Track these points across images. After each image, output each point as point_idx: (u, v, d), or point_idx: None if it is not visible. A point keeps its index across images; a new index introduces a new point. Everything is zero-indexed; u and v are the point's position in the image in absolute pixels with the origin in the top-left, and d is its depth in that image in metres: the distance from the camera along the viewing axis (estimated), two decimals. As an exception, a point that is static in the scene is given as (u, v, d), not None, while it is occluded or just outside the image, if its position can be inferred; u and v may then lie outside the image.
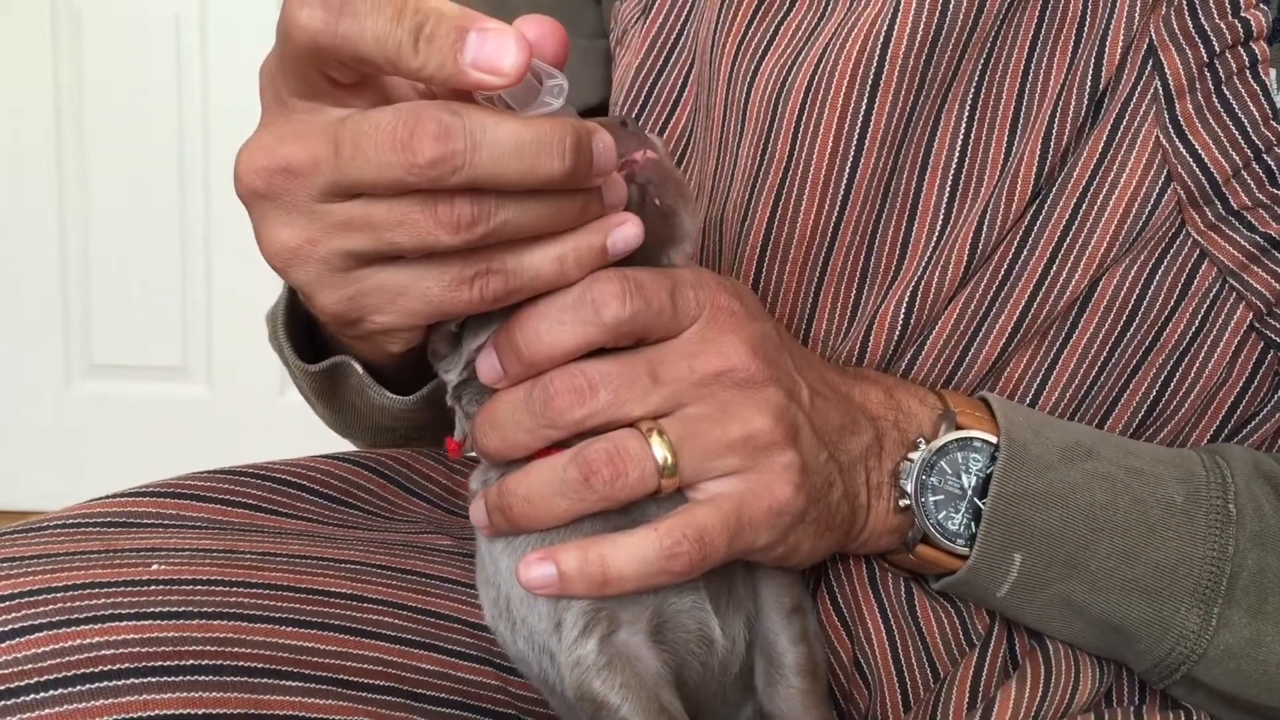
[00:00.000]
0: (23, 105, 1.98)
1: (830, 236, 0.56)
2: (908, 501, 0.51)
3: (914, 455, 0.51)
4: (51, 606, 0.45)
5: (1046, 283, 0.53)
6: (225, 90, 1.97)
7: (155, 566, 0.49)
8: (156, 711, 0.43)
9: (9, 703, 0.41)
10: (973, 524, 0.51)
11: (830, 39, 0.56)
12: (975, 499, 0.51)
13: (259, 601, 0.50)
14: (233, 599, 0.49)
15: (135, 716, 0.42)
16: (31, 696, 0.41)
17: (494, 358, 0.46)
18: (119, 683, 0.43)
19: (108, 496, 0.55)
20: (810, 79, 0.56)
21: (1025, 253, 0.54)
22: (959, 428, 0.51)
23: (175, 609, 0.47)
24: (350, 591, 0.54)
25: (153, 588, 0.48)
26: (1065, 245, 0.53)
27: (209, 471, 0.58)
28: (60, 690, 0.42)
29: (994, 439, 0.51)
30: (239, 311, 2.00)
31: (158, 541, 0.52)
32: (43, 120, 1.99)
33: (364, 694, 0.51)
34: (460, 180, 0.38)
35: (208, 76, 1.98)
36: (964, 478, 0.51)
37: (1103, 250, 0.53)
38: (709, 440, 0.46)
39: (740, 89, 0.60)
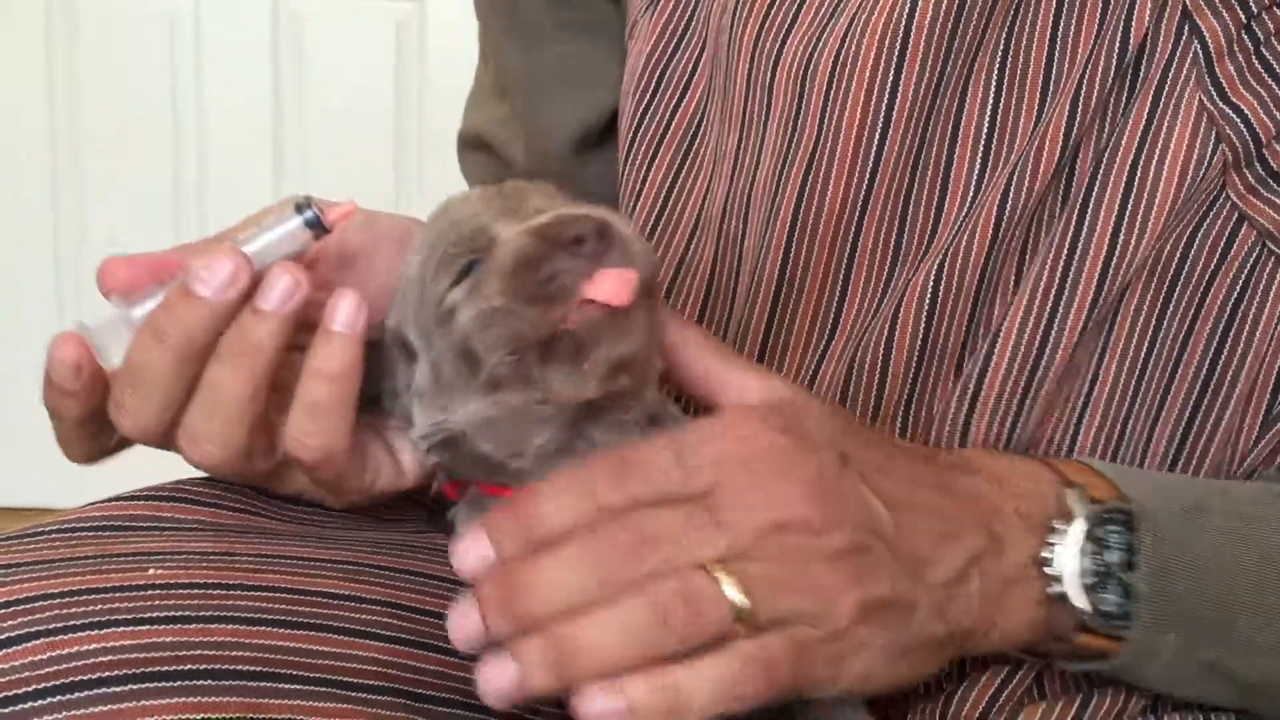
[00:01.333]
0: (19, 104, 1.98)
1: (860, 211, 0.57)
2: (1060, 588, 0.49)
3: (1058, 540, 0.49)
4: (48, 614, 0.45)
5: (1115, 256, 0.53)
6: (220, 87, 1.96)
7: (152, 571, 0.49)
8: (155, 718, 0.43)
9: (7, 711, 0.41)
10: (1125, 602, 0.49)
11: (855, 13, 0.57)
12: (1121, 575, 0.49)
13: (256, 604, 0.50)
14: (229, 602, 0.49)
15: None
16: (30, 704, 0.41)
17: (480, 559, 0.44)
18: (118, 689, 0.43)
19: (101, 501, 0.55)
20: (836, 54, 0.57)
21: (1085, 231, 0.54)
22: (1094, 501, 0.50)
23: (173, 614, 0.47)
24: (348, 593, 0.54)
25: (149, 592, 0.48)
26: (1127, 216, 0.53)
27: (202, 477, 0.58)
28: (59, 698, 0.42)
29: (1127, 507, 0.49)
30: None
31: (153, 545, 0.52)
32: (37, 117, 1.99)
33: (363, 694, 0.51)
34: None
35: (201, 74, 1.97)
36: (1107, 554, 0.49)
37: (1165, 214, 0.53)
38: (778, 586, 0.43)
39: (765, 68, 0.60)
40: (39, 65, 1.98)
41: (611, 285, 0.42)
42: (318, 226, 0.50)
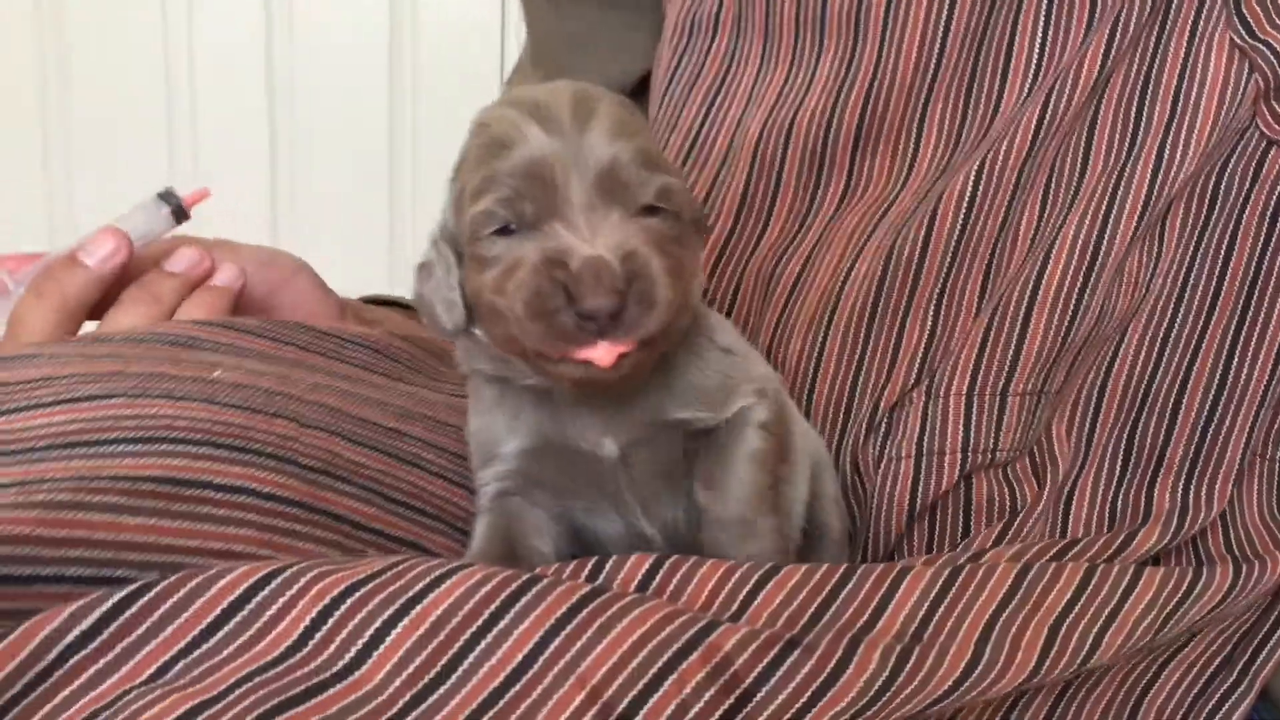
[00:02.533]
0: (6, 84, 1.98)
1: (918, 129, 0.63)
2: None
3: None
4: (127, 384, 0.47)
5: (1161, 171, 0.59)
6: (212, 63, 1.96)
7: (217, 373, 0.51)
8: (226, 480, 0.45)
9: (91, 450, 0.43)
10: None
11: None
12: None
13: (312, 414, 0.52)
14: (290, 406, 0.51)
15: (206, 479, 0.44)
16: (114, 448, 0.43)
17: None
18: (191, 449, 0.45)
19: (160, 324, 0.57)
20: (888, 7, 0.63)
21: (1134, 149, 0.60)
22: None
23: (239, 403, 0.49)
24: (395, 426, 0.56)
25: (217, 386, 0.49)
26: (1171, 136, 0.59)
27: (256, 318, 0.60)
28: (139, 446, 0.43)
29: None
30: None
31: (217, 359, 0.54)
32: (27, 96, 1.98)
33: (409, 513, 0.53)
34: None
35: (194, 51, 1.96)
36: None
37: (1206, 135, 0.58)
38: None
39: (814, 6, 0.66)
40: (28, 45, 1.97)
41: (602, 355, 0.43)
42: (179, 212, 0.66)
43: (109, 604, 0.36)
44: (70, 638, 0.35)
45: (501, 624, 0.37)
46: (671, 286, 0.42)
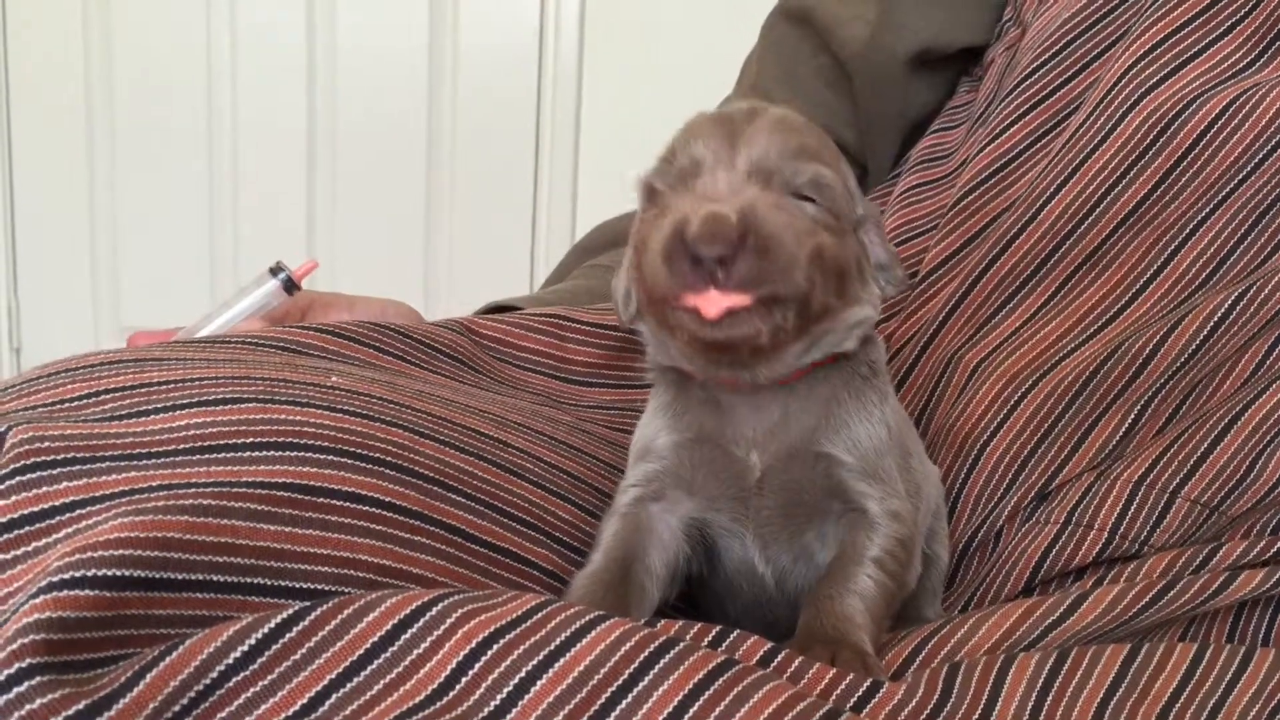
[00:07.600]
0: (51, 78, 1.99)
1: (1188, 234, 0.63)
2: None
3: None
4: (255, 387, 0.47)
5: None
6: (253, 53, 1.97)
7: (334, 379, 0.51)
8: (352, 489, 0.45)
9: (230, 455, 0.43)
10: None
11: (1249, 89, 0.62)
12: None
13: (424, 423, 0.52)
14: (404, 416, 0.51)
15: (334, 488, 0.44)
16: (249, 454, 0.43)
17: None
18: (320, 456, 0.45)
19: (272, 328, 0.58)
20: (1213, 119, 0.63)
21: None
22: None
23: (359, 411, 0.49)
24: (497, 435, 0.56)
25: (336, 392, 0.50)
26: None
27: (358, 321, 0.61)
28: (272, 452, 0.44)
29: None
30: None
31: (329, 365, 0.54)
32: (73, 89, 2.00)
33: (515, 524, 0.53)
34: None
35: (236, 50, 1.98)
36: None
37: None
38: None
39: (1120, 102, 0.66)
40: (74, 26, 1.98)
41: (708, 304, 0.45)
42: (289, 284, 0.73)
43: (268, 627, 0.37)
44: (230, 659, 0.36)
45: (642, 684, 0.38)
46: (796, 247, 0.45)
